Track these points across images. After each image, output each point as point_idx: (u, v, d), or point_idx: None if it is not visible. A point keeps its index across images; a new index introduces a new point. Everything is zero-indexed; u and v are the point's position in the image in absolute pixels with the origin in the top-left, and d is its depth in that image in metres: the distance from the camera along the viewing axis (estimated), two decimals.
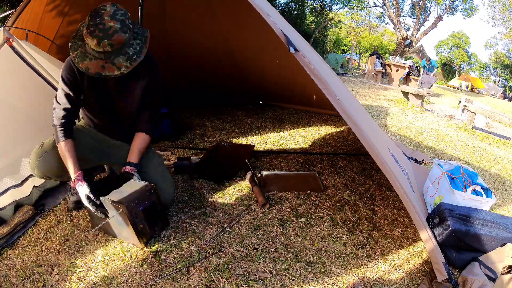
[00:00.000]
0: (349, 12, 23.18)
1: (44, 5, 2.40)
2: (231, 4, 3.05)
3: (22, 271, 1.37)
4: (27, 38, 2.19)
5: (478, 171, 3.06)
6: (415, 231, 1.82)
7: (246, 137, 3.24)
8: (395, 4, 17.89)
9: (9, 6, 7.58)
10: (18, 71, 1.94)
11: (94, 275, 1.35)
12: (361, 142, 1.44)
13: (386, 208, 2.06)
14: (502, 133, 5.13)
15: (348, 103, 1.56)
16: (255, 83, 4.18)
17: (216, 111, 4.07)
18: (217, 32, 3.46)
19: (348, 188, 2.28)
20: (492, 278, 1.43)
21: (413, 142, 3.80)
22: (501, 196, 2.57)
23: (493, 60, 31.38)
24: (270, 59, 3.46)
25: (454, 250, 1.57)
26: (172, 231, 1.64)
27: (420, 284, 1.44)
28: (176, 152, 2.73)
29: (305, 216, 1.87)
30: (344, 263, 1.52)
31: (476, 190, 1.88)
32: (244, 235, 1.66)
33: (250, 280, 1.36)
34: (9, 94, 1.93)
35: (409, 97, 6.37)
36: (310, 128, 3.74)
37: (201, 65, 3.83)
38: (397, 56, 13.66)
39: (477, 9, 28.47)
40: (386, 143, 2.02)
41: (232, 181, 2.23)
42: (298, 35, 1.94)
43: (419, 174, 2.45)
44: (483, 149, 3.98)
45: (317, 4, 20.35)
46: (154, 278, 1.33)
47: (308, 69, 1.39)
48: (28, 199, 1.78)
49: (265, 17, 1.42)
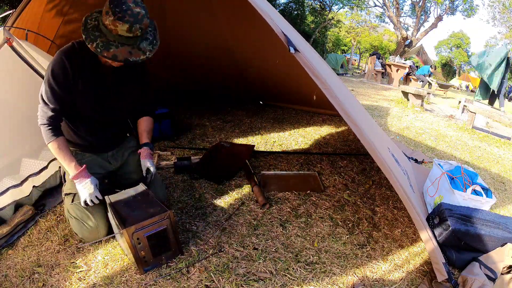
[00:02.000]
0: (349, 12, 23.19)
1: (44, 4, 2.40)
2: (231, 4, 3.04)
3: (22, 271, 1.37)
4: (27, 38, 2.19)
5: (478, 171, 3.06)
6: (415, 231, 1.82)
7: (246, 137, 3.24)
8: (395, 4, 17.88)
9: (9, 6, 7.58)
10: (18, 71, 1.94)
11: (94, 275, 1.35)
12: (361, 142, 1.44)
13: (386, 208, 2.06)
14: (502, 133, 5.12)
15: (348, 103, 1.56)
16: (255, 83, 4.18)
17: (216, 111, 4.07)
18: (217, 32, 3.46)
19: (348, 188, 2.28)
20: (492, 278, 1.43)
21: (413, 142, 3.80)
22: (501, 196, 2.56)
23: None
24: (270, 59, 3.46)
25: (454, 250, 1.57)
26: None
27: (420, 284, 1.44)
28: (176, 152, 2.73)
29: (305, 216, 1.87)
30: (344, 263, 1.52)
31: (476, 190, 1.88)
32: (244, 235, 1.66)
33: (250, 280, 1.36)
34: (9, 94, 1.93)
35: (409, 97, 6.36)
36: (310, 128, 3.74)
37: (201, 65, 3.83)
38: (397, 56, 13.65)
39: (477, 9, 28.45)
40: (386, 143, 2.02)
41: (232, 181, 2.23)
42: (298, 35, 1.94)
43: (419, 174, 2.45)
44: (483, 149, 3.98)
45: (317, 4, 20.35)
46: (154, 278, 1.33)
47: (308, 69, 1.39)
48: (28, 199, 1.78)
49: (265, 17, 1.42)
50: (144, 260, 1.35)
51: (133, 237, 1.28)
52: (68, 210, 1.49)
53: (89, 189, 1.43)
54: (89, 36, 1.27)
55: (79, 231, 1.45)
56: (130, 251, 1.32)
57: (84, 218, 1.44)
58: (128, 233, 1.27)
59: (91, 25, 1.29)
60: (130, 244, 1.29)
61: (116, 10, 1.21)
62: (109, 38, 1.26)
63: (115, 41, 1.26)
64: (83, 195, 1.43)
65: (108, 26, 1.24)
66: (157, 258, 1.39)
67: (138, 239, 1.30)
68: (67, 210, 1.50)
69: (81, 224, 1.44)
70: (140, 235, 1.30)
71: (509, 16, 19.39)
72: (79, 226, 1.44)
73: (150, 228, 1.32)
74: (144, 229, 1.31)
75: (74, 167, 1.43)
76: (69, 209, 1.48)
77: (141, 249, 1.32)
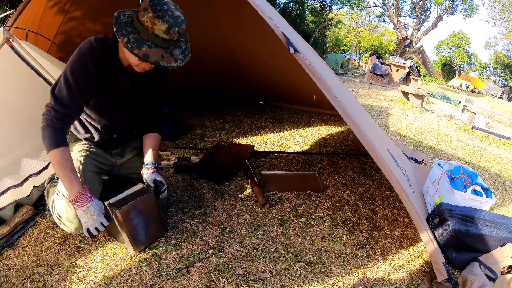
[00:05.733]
0: (349, 12, 23.22)
1: (44, 3, 2.40)
2: (231, 4, 3.04)
3: (22, 271, 1.37)
4: (27, 38, 2.19)
5: (478, 171, 3.06)
6: (415, 231, 1.82)
7: (246, 137, 3.24)
8: (395, 4, 17.88)
9: (9, 6, 7.58)
10: (18, 71, 1.94)
11: (94, 275, 1.35)
12: (361, 142, 1.44)
13: (386, 208, 2.06)
14: (502, 133, 5.13)
15: (348, 103, 1.56)
16: (255, 83, 4.18)
17: (216, 111, 4.07)
18: (216, 32, 3.46)
19: (348, 188, 2.28)
20: (492, 278, 1.43)
21: (413, 142, 3.80)
22: (501, 196, 2.57)
23: (493, 60, 31.40)
24: (270, 59, 3.46)
25: (454, 250, 1.57)
26: (172, 231, 1.64)
27: (420, 284, 1.44)
28: (176, 152, 2.73)
29: (305, 216, 1.87)
30: (344, 263, 1.52)
31: (476, 190, 1.88)
32: (244, 235, 1.66)
33: (250, 280, 1.36)
34: (9, 94, 1.93)
35: (409, 97, 6.37)
36: (310, 128, 3.74)
37: (201, 64, 3.82)
38: (397, 56, 13.66)
39: (477, 9, 28.49)
40: (385, 143, 2.02)
41: (232, 181, 2.23)
42: (298, 35, 1.94)
43: (419, 174, 2.45)
44: (483, 149, 3.98)
45: (317, 4, 20.36)
46: (154, 278, 1.33)
47: (308, 69, 1.39)
48: (28, 199, 1.78)
49: (265, 17, 1.42)
50: (138, 239, 1.45)
51: (126, 217, 1.38)
52: (56, 208, 1.43)
53: (92, 214, 1.27)
54: (121, 30, 1.17)
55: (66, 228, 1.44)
56: (124, 232, 1.39)
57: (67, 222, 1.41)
58: (122, 214, 1.34)
59: (124, 20, 1.21)
60: (125, 224, 1.37)
61: (157, 8, 1.15)
62: (143, 37, 1.18)
63: (148, 41, 1.18)
64: (85, 223, 1.27)
65: (145, 23, 1.16)
66: (148, 236, 1.50)
67: (130, 219, 1.39)
68: (55, 209, 1.43)
69: (63, 226, 1.44)
70: (133, 214, 1.40)
71: (509, 16, 19.40)
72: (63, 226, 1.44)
73: (139, 208, 1.42)
74: (134, 209, 1.40)
75: (77, 187, 1.26)
76: (58, 209, 1.42)
77: (135, 228, 1.43)
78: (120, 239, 1.51)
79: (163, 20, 1.15)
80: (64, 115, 1.28)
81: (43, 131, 1.26)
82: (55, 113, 1.26)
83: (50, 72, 2.06)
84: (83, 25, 2.88)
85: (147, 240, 1.51)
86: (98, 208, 1.30)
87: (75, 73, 1.27)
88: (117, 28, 1.18)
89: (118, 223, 1.38)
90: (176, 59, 1.25)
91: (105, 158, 1.61)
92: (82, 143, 1.57)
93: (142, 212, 1.44)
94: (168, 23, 1.16)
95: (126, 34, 1.17)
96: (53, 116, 1.26)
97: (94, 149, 1.56)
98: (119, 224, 1.38)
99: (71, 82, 1.27)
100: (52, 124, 1.26)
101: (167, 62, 1.22)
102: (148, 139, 1.63)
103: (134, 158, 1.71)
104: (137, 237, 1.45)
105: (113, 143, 1.63)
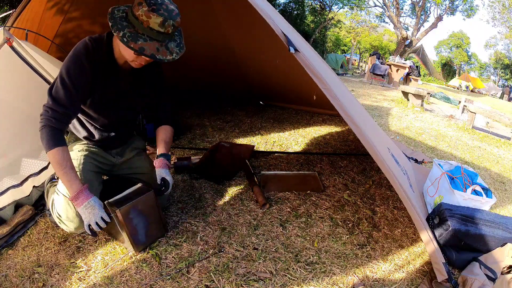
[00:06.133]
0: (349, 12, 23.23)
1: (44, 4, 2.40)
2: (231, 4, 3.04)
3: (22, 271, 1.37)
4: (27, 38, 2.19)
5: (478, 171, 3.06)
6: (415, 231, 1.82)
7: (246, 137, 3.24)
8: (395, 4, 17.89)
9: (9, 6, 7.57)
10: (18, 71, 1.93)
11: (94, 275, 1.35)
12: (361, 142, 1.44)
13: (386, 208, 2.06)
14: (502, 133, 5.13)
15: (348, 103, 1.56)
16: (255, 83, 4.18)
17: (216, 111, 4.07)
18: (217, 32, 3.46)
19: (348, 188, 2.28)
20: (492, 278, 1.43)
21: (413, 142, 3.80)
22: (501, 196, 2.57)
23: (493, 60, 31.42)
24: (270, 59, 3.46)
25: (454, 250, 1.57)
26: (172, 231, 1.64)
27: (420, 284, 1.44)
28: (176, 152, 2.73)
29: (305, 216, 1.87)
30: (344, 263, 1.52)
31: (476, 190, 1.88)
32: (244, 235, 1.66)
33: (250, 280, 1.36)
34: (9, 94, 1.93)
35: (409, 97, 6.37)
36: (310, 128, 3.74)
37: (201, 64, 3.82)
38: (397, 56, 13.66)
39: (477, 9, 28.48)
40: (386, 143, 2.02)
41: (232, 181, 2.23)
42: (298, 35, 1.94)
43: (419, 174, 2.45)
44: (483, 149, 3.98)
45: (317, 4, 20.36)
46: (154, 278, 1.33)
47: (308, 69, 1.39)
48: (28, 199, 1.78)
49: (265, 17, 1.42)
50: (138, 239, 1.45)
51: (126, 217, 1.37)
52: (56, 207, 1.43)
53: (93, 209, 1.28)
54: (117, 25, 1.19)
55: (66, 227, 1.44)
56: (124, 232, 1.39)
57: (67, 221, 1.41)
58: (122, 214, 1.34)
59: (119, 15, 1.22)
60: (125, 224, 1.37)
61: (151, 2, 1.17)
62: (138, 31, 1.19)
63: (144, 34, 1.19)
64: (86, 218, 1.28)
65: (140, 17, 1.17)
66: (149, 236, 1.50)
67: (131, 219, 1.39)
68: (56, 207, 1.43)
69: (63, 225, 1.44)
70: (133, 214, 1.40)
71: (509, 16, 19.41)
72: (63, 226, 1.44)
73: (139, 208, 1.42)
74: (134, 209, 1.40)
75: (77, 185, 1.28)
76: (58, 208, 1.42)
77: (135, 228, 1.43)
78: (120, 239, 1.51)
79: (158, 14, 1.16)
80: (62, 114, 1.29)
81: (42, 131, 1.27)
82: (53, 113, 1.27)
83: (50, 72, 2.05)
84: (83, 26, 2.88)
85: (147, 240, 1.51)
86: (98, 203, 1.32)
87: (71, 73, 1.29)
88: (112, 23, 1.20)
89: (118, 223, 1.38)
90: (172, 52, 1.26)
91: (105, 157, 1.61)
92: (82, 142, 1.57)
93: (142, 212, 1.44)
94: (163, 16, 1.17)
95: (122, 29, 1.19)
96: (51, 116, 1.27)
97: (94, 149, 1.56)
98: (119, 224, 1.38)
99: (67, 82, 1.28)
100: (50, 124, 1.27)
101: (162, 55, 1.23)
102: (159, 132, 1.67)
103: (134, 158, 1.71)
104: (137, 237, 1.45)
105: (113, 142, 1.63)
